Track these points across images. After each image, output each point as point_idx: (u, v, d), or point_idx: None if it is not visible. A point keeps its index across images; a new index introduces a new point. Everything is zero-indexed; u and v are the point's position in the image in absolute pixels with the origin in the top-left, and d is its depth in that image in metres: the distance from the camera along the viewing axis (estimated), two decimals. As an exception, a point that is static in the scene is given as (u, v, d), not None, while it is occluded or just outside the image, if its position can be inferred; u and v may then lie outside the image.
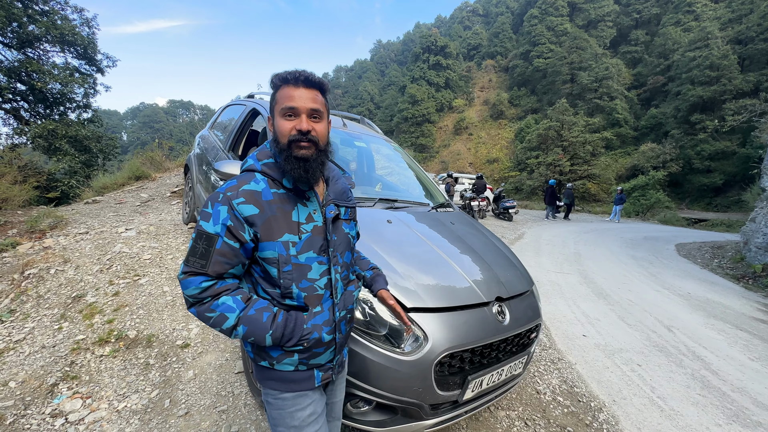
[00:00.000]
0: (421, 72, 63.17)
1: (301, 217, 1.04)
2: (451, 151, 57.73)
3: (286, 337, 1.00)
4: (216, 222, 0.95)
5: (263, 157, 1.07)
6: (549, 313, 4.21)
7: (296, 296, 1.03)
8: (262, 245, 0.99)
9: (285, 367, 1.06)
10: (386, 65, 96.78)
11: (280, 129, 1.01)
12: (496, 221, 12.90)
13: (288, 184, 1.04)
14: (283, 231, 0.99)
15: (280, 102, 1.00)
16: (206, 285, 0.96)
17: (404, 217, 2.26)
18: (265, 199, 1.00)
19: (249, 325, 0.97)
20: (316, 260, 1.04)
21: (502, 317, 1.83)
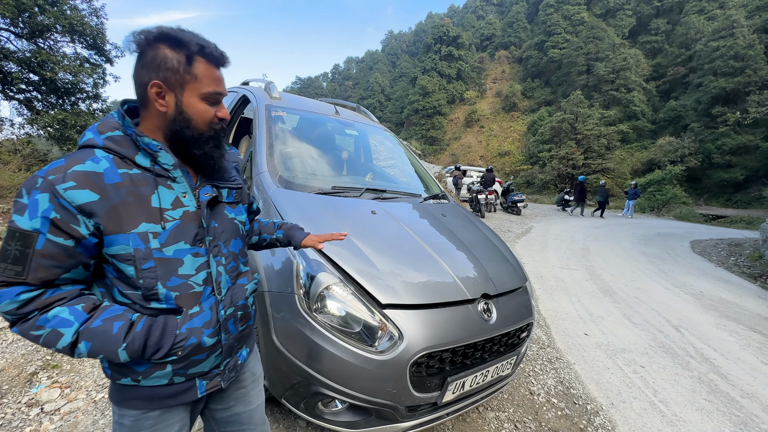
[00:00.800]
0: (432, 63, 62.25)
1: (165, 201, 0.85)
2: (462, 144, 57.04)
3: (151, 348, 0.81)
4: (33, 215, 0.73)
5: (107, 129, 0.83)
6: (550, 310, 4.07)
7: (164, 297, 0.84)
8: (109, 239, 0.78)
9: (155, 381, 0.87)
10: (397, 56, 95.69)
11: (201, 114, 0.86)
12: (504, 215, 12.67)
13: (145, 162, 0.83)
14: (138, 220, 0.80)
15: (204, 82, 0.84)
16: (27, 297, 0.74)
17: (391, 208, 2.15)
18: (110, 182, 0.78)
19: (94, 341, 0.77)
20: (190, 252, 0.87)
21: (488, 315, 1.72)
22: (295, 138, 2.56)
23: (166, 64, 0.80)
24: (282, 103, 2.75)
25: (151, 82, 0.80)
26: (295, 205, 1.88)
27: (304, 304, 1.51)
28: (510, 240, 7.92)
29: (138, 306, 0.84)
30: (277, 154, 2.27)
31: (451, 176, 14.85)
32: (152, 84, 0.80)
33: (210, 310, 0.90)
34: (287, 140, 2.47)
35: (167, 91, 0.82)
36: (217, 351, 0.93)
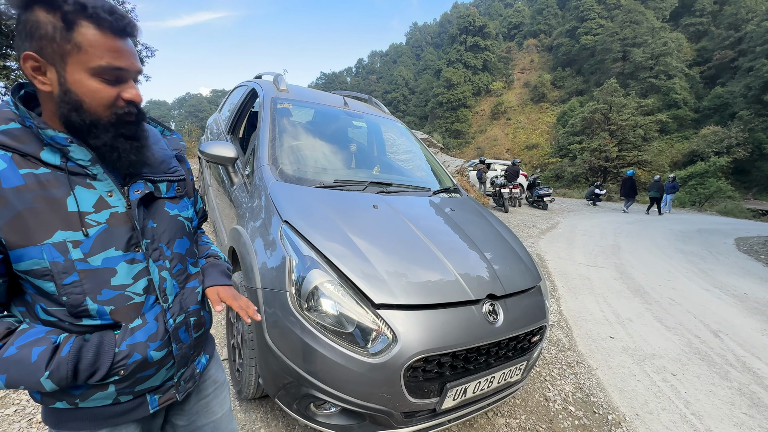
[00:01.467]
0: (457, 54, 60.96)
1: (85, 204, 0.72)
2: (488, 137, 55.73)
3: (84, 372, 0.70)
4: None
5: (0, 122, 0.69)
6: (573, 311, 3.85)
7: (96, 313, 0.73)
8: (17, 254, 0.67)
9: (97, 402, 0.77)
10: (422, 49, 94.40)
11: (93, 95, 0.68)
12: (529, 210, 12.23)
13: (53, 159, 0.69)
14: (52, 228, 0.68)
15: (93, 53, 0.66)
16: None
17: (395, 202, 2.06)
18: (9, 186, 0.66)
19: (9, 371, 0.66)
20: (124, 260, 0.75)
21: (494, 318, 1.60)
22: (299, 130, 2.50)
23: (39, 30, 0.64)
24: (288, 95, 2.70)
25: (23, 54, 0.65)
26: (292, 200, 1.82)
27: (296, 303, 1.45)
28: (534, 236, 7.62)
29: (67, 324, 0.72)
30: (280, 146, 2.22)
31: (475, 170, 14.46)
32: (25, 56, 0.65)
33: (156, 321, 0.80)
34: (291, 133, 2.41)
35: (46, 64, 0.66)
36: (168, 363, 0.83)
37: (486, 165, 13.54)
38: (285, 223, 1.66)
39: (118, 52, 0.68)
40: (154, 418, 0.91)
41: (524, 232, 7.94)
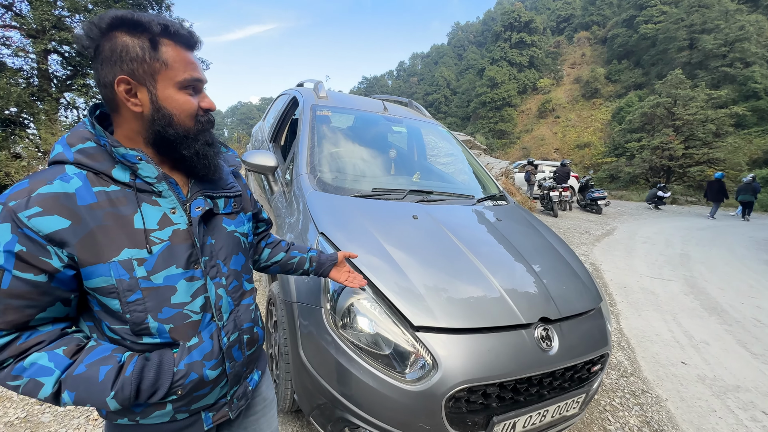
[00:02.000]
0: (501, 52, 59.05)
1: (150, 221, 0.72)
2: (534, 137, 53.30)
3: (146, 392, 0.70)
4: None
5: (77, 141, 0.71)
6: (636, 330, 3.46)
7: (156, 331, 0.73)
8: (87, 271, 0.67)
9: (156, 420, 0.78)
10: (464, 48, 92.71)
11: (183, 106, 0.73)
12: (581, 214, 11.43)
13: (123, 177, 0.71)
14: (120, 246, 0.69)
15: (178, 68, 0.70)
16: (1, 342, 0.65)
17: (436, 212, 1.94)
18: (83, 204, 0.67)
19: (78, 389, 0.66)
20: (183, 277, 0.75)
21: (548, 344, 1.43)
22: (338, 138, 2.47)
23: (128, 53, 0.67)
24: (328, 102, 2.68)
25: (116, 78, 0.67)
26: (329, 210, 1.77)
27: (330, 320, 1.39)
28: (587, 243, 7.06)
29: (129, 342, 0.73)
30: (318, 155, 2.19)
31: (522, 172, 13.79)
32: (118, 81, 0.67)
33: (211, 339, 0.79)
34: (330, 140, 2.38)
35: (137, 86, 0.69)
36: (221, 382, 0.83)
37: (534, 166, 12.87)
38: (321, 235, 1.61)
39: (193, 64, 0.73)
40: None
41: (576, 238, 7.39)
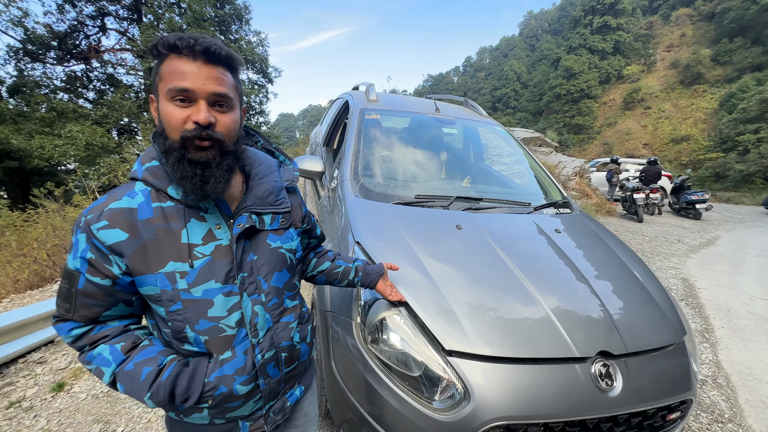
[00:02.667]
0: (580, 39, 54.03)
1: (195, 237, 0.77)
2: (618, 131, 47.92)
3: (179, 397, 0.75)
4: (75, 255, 0.73)
5: (147, 160, 0.78)
6: (739, 364, 2.87)
7: (194, 341, 0.78)
8: (139, 280, 0.75)
9: (196, 420, 0.84)
10: (537, 38, 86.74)
11: (167, 118, 0.70)
12: (674, 219, 9.96)
13: (176, 194, 0.76)
14: (166, 259, 0.74)
15: (168, 79, 0.69)
16: (78, 332, 0.77)
17: (483, 222, 1.79)
18: (142, 218, 0.74)
19: (126, 384, 0.74)
20: (221, 292, 0.78)
21: (609, 383, 1.22)
22: (385, 142, 2.42)
23: (152, 74, 0.74)
24: (378, 105, 2.65)
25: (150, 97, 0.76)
26: (368, 218, 1.73)
27: (360, 334, 1.35)
28: (678, 254, 6.10)
29: (175, 345, 0.80)
30: (363, 160, 2.17)
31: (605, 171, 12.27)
32: (150, 98, 0.76)
33: (244, 355, 0.81)
34: (377, 145, 2.35)
35: (153, 100, 0.75)
36: (255, 396, 0.85)
37: (617, 164, 11.46)
38: (357, 244, 1.57)
39: (182, 74, 0.68)
40: None
41: (664, 248, 6.44)
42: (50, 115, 10.48)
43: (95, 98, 12.74)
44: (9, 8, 10.49)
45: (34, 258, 3.82)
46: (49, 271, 3.85)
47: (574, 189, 9.05)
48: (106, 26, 13.32)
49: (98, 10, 12.80)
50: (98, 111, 11.56)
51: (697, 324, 3.52)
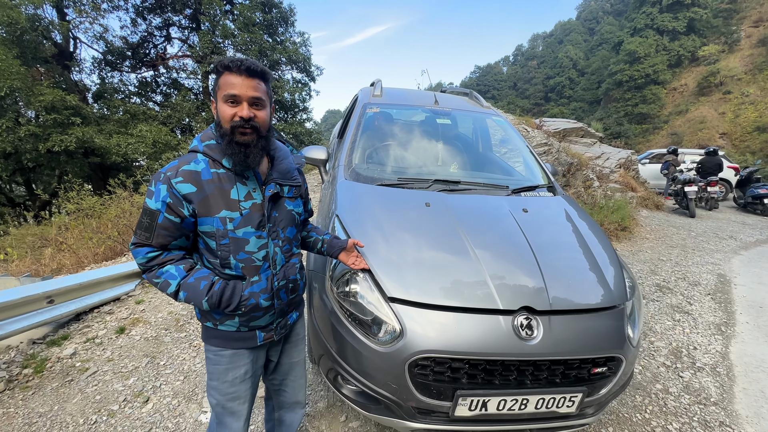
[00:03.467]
0: (647, 19, 49.27)
1: (240, 195, 1.11)
2: (690, 119, 43.24)
3: (224, 303, 1.10)
4: (157, 199, 1.05)
5: (206, 139, 1.13)
6: (752, 357, 2.78)
7: (234, 266, 1.12)
8: (201, 220, 1.08)
9: (227, 327, 1.18)
10: (597, 21, 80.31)
11: (222, 114, 1.05)
12: (737, 215, 9.06)
13: (227, 165, 1.09)
14: (221, 208, 1.08)
15: (223, 88, 1.04)
16: (152, 255, 1.08)
17: (452, 200, 2.01)
18: (204, 179, 1.07)
19: (188, 291, 1.08)
20: (254, 235, 1.13)
21: (529, 333, 1.42)
22: (381, 132, 2.70)
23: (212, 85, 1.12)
24: (380, 100, 2.93)
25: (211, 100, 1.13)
26: (350, 196, 2.03)
27: (330, 286, 1.66)
28: (724, 251, 5.66)
29: (217, 271, 1.14)
30: (357, 149, 2.47)
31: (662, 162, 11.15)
32: (211, 101, 1.13)
33: (266, 281, 1.18)
34: (373, 135, 2.63)
35: (213, 102, 1.11)
36: (271, 312, 1.22)
37: (675, 155, 10.45)
38: (336, 217, 1.88)
39: (233, 85, 1.03)
40: (259, 350, 1.30)
41: (711, 244, 6.00)
42: (125, 117, 12.05)
43: (161, 101, 14.32)
44: (93, 25, 12.17)
45: (108, 235, 4.62)
46: (120, 247, 4.64)
47: (617, 182, 8.58)
48: (171, 35, 14.87)
49: (164, 21, 14.35)
50: (164, 112, 13.06)
51: (716, 317, 3.39)
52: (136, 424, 1.90)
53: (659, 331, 3.08)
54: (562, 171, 6.30)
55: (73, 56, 12.65)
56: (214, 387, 1.24)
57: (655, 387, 2.36)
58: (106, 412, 1.98)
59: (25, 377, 2.25)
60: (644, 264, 4.78)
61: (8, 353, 2.47)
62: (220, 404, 1.25)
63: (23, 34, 9.97)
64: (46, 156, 10.17)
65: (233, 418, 1.28)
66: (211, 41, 13.26)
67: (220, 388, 1.23)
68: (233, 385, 1.24)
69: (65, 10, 11.74)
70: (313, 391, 2.17)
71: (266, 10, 14.42)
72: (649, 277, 4.33)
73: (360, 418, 1.98)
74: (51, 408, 2.00)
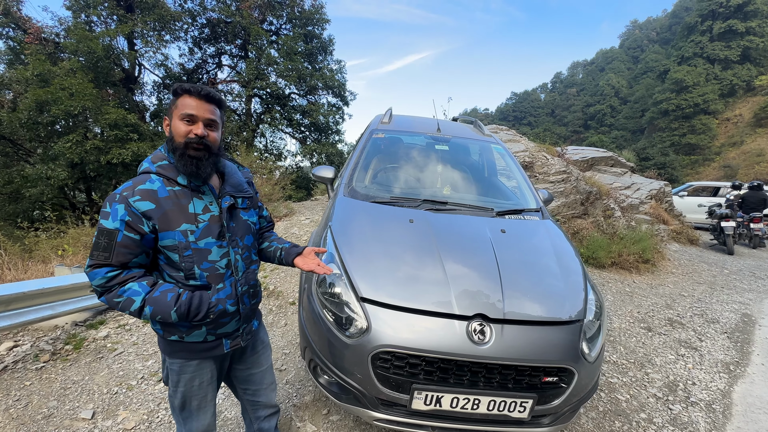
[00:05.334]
0: (696, 48, 47.52)
1: (198, 208, 1.18)
2: (746, 151, 40.54)
3: (193, 311, 1.13)
4: (114, 219, 1.07)
5: (157, 160, 1.18)
6: (755, 398, 2.67)
7: (199, 276, 1.18)
8: (162, 235, 1.12)
9: (194, 338, 1.23)
10: (641, 50, 78.30)
11: (176, 130, 1.13)
12: (783, 255, 8.39)
13: (182, 182, 1.16)
14: (180, 222, 1.13)
15: (180, 108, 1.13)
16: (112, 275, 1.08)
17: (436, 219, 2.21)
18: (161, 196, 1.12)
19: (155, 306, 1.09)
20: (216, 245, 1.20)
21: (481, 338, 1.58)
22: (383, 156, 2.98)
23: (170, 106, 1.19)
24: (387, 126, 3.23)
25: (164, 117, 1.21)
26: (344, 210, 2.30)
27: (316, 287, 1.90)
28: (759, 291, 5.31)
29: (180, 284, 1.19)
30: (359, 170, 2.75)
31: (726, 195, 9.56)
32: (165, 119, 1.20)
33: (231, 287, 1.25)
34: (375, 158, 2.92)
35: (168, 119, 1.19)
36: (236, 317, 1.30)
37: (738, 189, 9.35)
38: (329, 228, 2.15)
39: (191, 105, 1.13)
40: (224, 360, 1.40)
41: (744, 283, 5.66)
42: (176, 134, 13.28)
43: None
44: (156, 54, 13.73)
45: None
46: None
47: (646, 213, 8.29)
48: (222, 62, 16.39)
49: (217, 50, 15.89)
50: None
51: (727, 356, 3.25)
52: (149, 398, 2.20)
53: (658, 364, 3.02)
54: (580, 199, 6.26)
55: (137, 80, 14.26)
56: (180, 391, 1.30)
57: (638, 415, 2.35)
58: (126, 386, 2.30)
59: (66, 352, 2.64)
60: (660, 298, 4.62)
61: (55, 331, 2.90)
62: (188, 403, 1.32)
63: (98, 61, 11.47)
64: (105, 167, 11.40)
65: (201, 412, 1.35)
66: (256, 68, 14.49)
67: (185, 391, 1.30)
68: (201, 389, 1.32)
69: (134, 40, 13.37)
70: (303, 386, 2.38)
71: (308, 40, 15.61)
72: (662, 310, 4.20)
73: (340, 412, 2.16)
74: (83, 378, 2.36)
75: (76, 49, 11.05)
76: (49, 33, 12.37)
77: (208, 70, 16.24)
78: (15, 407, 2.07)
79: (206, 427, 1.39)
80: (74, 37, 11.15)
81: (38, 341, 2.73)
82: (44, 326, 2.96)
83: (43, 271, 3.97)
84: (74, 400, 2.16)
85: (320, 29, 16.08)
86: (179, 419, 1.38)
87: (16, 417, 2.00)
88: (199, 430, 1.38)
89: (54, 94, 9.95)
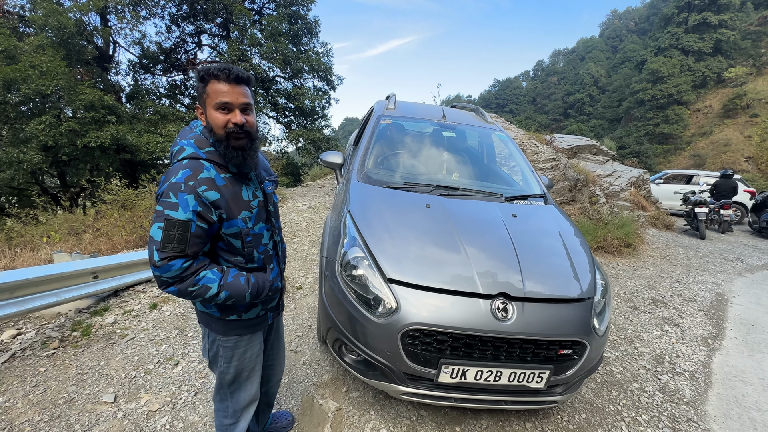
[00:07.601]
0: (671, 39, 48.75)
1: (249, 195, 1.23)
2: (714, 141, 42.37)
3: (260, 292, 1.25)
4: (186, 209, 1.06)
5: (203, 145, 1.15)
6: (733, 368, 2.93)
7: (257, 260, 1.29)
8: (227, 223, 1.16)
9: (251, 315, 1.34)
10: (621, 39, 79.76)
11: (214, 121, 1.10)
12: (749, 239, 8.98)
13: (233, 169, 1.18)
14: (240, 209, 1.18)
15: (213, 96, 1.09)
16: (187, 265, 1.09)
17: (450, 204, 2.29)
18: (220, 184, 1.12)
19: (230, 290, 1.16)
20: (265, 228, 1.31)
21: (504, 315, 1.68)
22: (391, 141, 3.02)
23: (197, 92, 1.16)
24: (393, 113, 3.25)
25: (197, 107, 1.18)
26: (361, 195, 2.34)
27: (340, 270, 1.96)
28: (729, 272, 5.72)
29: (239, 267, 1.26)
30: (370, 155, 2.78)
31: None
32: (197, 108, 1.18)
33: (277, 266, 1.41)
34: (384, 144, 2.95)
35: (200, 108, 1.16)
36: (278, 293, 1.45)
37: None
38: (348, 212, 2.19)
39: (224, 92, 1.09)
40: (267, 331, 1.54)
41: (716, 265, 6.06)
42: (155, 117, 12.76)
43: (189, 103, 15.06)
44: (132, 31, 13.02)
45: (141, 225, 5.06)
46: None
47: (627, 200, 8.67)
48: (202, 42, 15.70)
49: (196, 28, 15.18)
50: (191, 114, 13.73)
51: (705, 331, 3.53)
52: (168, 381, 2.23)
53: (646, 339, 3.25)
54: (568, 186, 6.49)
55: (112, 59, 13.51)
56: (234, 365, 1.36)
57: (632, 385, 2.56)
58: (144, 370, 2.31)
59: (75, 338, 2.61)
60: (643, 279, 4.92)
61: (59, 318, 2.85)
62: (239, 375, 1.39)
63: (69, 38, 10.79)
64: (81, 150, 10.88)
65: (249, 382, 1.44)
66: (239, 49, 13.97)
67: (238, 365, 1.37)
68: (251, 361, 1.41)
69: (108, 16, 12.62)
70: (320, 366, 2.45)
71: (292, 21, 15.12)
72: (646, 291, 4.48)
73: (359, 389, 2.25)
74: (98, 363, 2.35)
75: (44, 23, 10.34)
76: (12, 5, 11.51)
77: (187, 50, 15.54)
78: (33, 393, 2.05)
79: (253, 395, 1.49)
80: (41, 10, 10.42)
81: (42, 329, 2.69)
82: (46, 314, 2.90)
83: (35, 259, 3.84)
84: (93, 384, 2.16)
85: (305, 9, 15.59)
86: (226, 394, 1.44)
87: (37, 402, 1.99)
88: (246, 400, 1.47)
89: (23, 72, 9.33)
